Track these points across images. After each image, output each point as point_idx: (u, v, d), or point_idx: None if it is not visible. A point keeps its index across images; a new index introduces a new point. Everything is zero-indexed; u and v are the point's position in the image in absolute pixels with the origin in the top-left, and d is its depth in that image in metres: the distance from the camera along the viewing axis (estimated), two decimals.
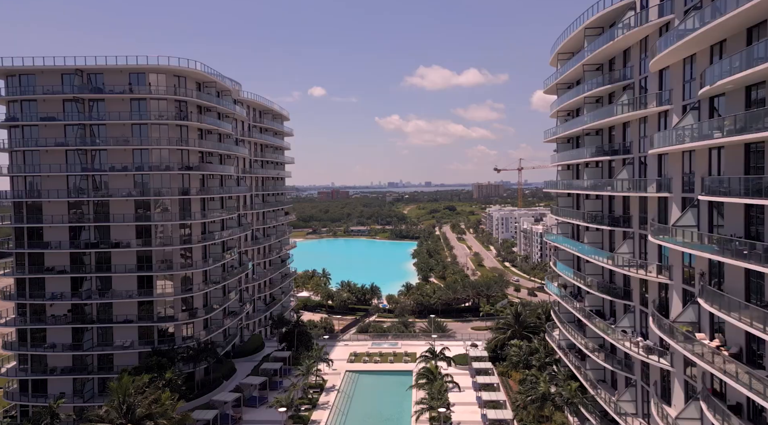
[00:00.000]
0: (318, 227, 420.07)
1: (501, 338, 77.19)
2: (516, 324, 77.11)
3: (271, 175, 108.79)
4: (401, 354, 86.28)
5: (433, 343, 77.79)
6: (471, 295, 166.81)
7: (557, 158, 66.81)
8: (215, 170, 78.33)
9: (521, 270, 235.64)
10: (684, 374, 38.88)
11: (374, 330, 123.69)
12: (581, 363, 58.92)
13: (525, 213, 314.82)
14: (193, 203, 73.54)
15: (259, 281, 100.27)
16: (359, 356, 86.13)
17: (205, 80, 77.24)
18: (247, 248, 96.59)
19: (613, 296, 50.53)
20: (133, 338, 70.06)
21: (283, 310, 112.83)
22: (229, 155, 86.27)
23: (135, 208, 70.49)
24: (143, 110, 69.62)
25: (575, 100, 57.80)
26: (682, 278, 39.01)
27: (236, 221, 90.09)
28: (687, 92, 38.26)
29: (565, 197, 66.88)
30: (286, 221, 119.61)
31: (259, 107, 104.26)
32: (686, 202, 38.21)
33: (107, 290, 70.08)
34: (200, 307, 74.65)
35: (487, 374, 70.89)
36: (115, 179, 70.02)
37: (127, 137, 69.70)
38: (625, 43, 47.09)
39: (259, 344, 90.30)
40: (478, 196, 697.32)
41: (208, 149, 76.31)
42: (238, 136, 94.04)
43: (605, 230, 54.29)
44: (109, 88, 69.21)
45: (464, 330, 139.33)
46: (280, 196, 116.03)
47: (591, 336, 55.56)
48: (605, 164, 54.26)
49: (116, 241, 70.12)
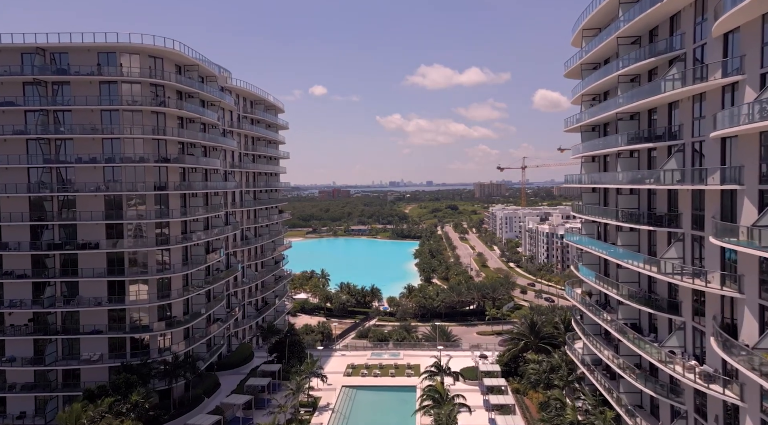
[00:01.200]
0: (318, 226, 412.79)
1: (514, 350, 69.25)
2: (531, 334, 69.18)
3: (264, 170, 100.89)
4: (403, 367, 78.43)
5: (438, 355, 69.97)
6: (476, 297, 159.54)
7: (581, 148, 58.90)
8: (198, 162, 70.53)
9: (527, 271, 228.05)
10: (761, 412, 31.00)
11: (374, 335, 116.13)
12: (612, 384, 51.08)
13: (529, 212, 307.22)
14: (171, 199, 65.78)
15: (249, 284, 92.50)
16: (357, 368, 78.31)
17: (186, 63, 69.44)
18: (236, 249, 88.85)
19: (655, 308, 42.66)
20: (103, 351, 62.27)
21: (277, 315, 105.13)
22: (214, 147, 78.48)
23: (105, 205, 62.69)
24: (114, 94, 61.85)
25: (605, 80, 49.87)
26: (759, 291, 31.11)
27: (223, 219, 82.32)
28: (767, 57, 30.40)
29: (590, 192, 59.02)
30: (281, 220, 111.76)
31: (250, 96, 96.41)
32: (765, 196, 30.37)
33: (73, 297, 62.32)
34: (180, 315, 66.93)
35: (501, 392, 62.98)
36: (82, 172, 62.21)
37: (96, 125, 61.91)
38: (674, 6, 39.22)
39: (248, 354, 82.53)
40: (480, 195, 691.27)
41: (190, 139, 68.57)
42: (226, 127, 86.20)
43: (643, 231, 46.48)
44: (75, 69, 61.34)
45: (469, 334, 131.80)
46: (274, 193, 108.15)
47: (625, 354, 47.71)
48: (643, 153, 46.39)
49: (84, 241, 62.33)
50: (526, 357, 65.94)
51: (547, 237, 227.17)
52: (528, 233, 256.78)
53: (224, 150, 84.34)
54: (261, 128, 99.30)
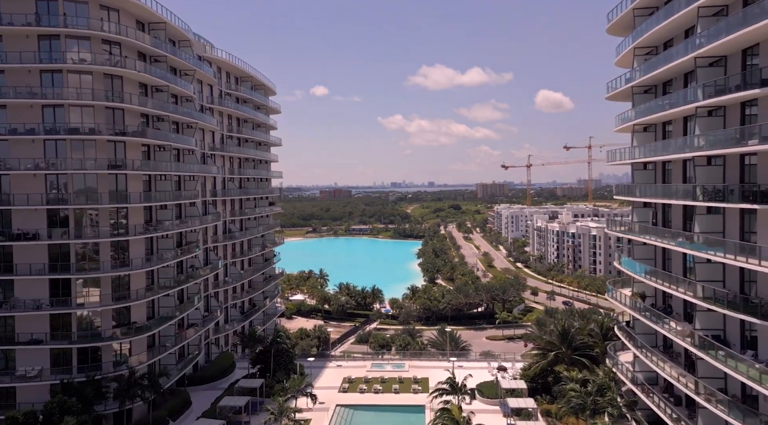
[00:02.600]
0: (318, 225, 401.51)
1: (543, 363, 57.68)
2: (563, 343, 57.56)
3: (251, 156, 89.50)
4: (409, 381, 66.84)
5: (450, 367, 58.51)
6: (485, 299, 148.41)
7: (632, 115, 47.44)
8: (165, 138, 59.23)
9: (536, 271, 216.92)
10: None
11: (375, 340, 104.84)
12: (680, 412, 39.64)
13: (537, 211, 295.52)
14: (131, 180, 54.50)
15: (233, 284, 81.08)
16: (355, 383, 66.74)
17: (152, 20, 58.21)
18: (217, 243, 77.47)
19: (760, 316, 31.23)
20: (43, 364, 50.86)
21: (267, 319, 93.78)
22: (189, 124, 67.21)
23: (46, 186, 51.38)
24: (56, 50, 50.53)
25: (674, 19, 38.47)
26: None
27: (201, 208, 70.98)
28: None
29: (642, 170, 47.69)
30: (271, 213, 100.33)
31: (235, 71, 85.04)
32: None
33: (7, 300, 50.98)
34: (142, 320, 55.64)
35: (529, 417, 51.34)
36: (17, 145, 50.86)
37: (34, 88, 50.60)
38: None
39: (229, 365, 71.12)
40: (482, 196, 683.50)
41: (155, 110, 57.43)
42: (205, 103, 74.92)
43: (731, 212, 35.06)
44: (6, 19, 49.96)
45: (478, 339, 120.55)
46: (263, 182, 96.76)
47: (705, 375, 36.30)
48: (732, 109, 34.97)
49: (19, 231, 50.95)
50: (559, 373, 54.24)
51: (558, 236, 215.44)
52: (537, 231, 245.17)
53: (202, 129, 73.08)
54: (248, 108, 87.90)
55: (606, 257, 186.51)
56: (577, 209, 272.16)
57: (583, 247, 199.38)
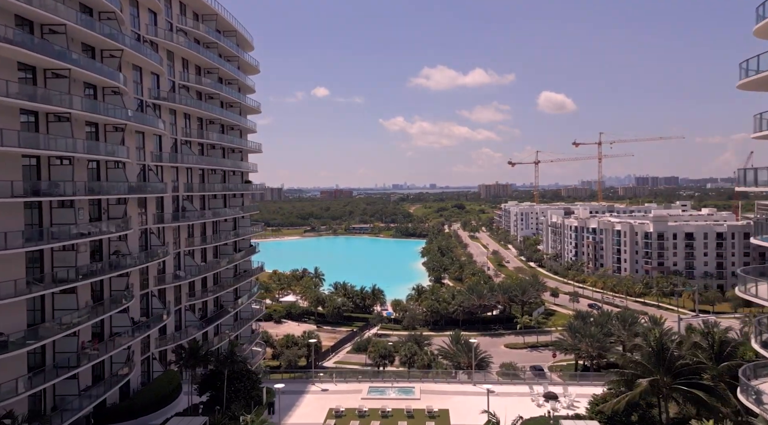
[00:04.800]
0: (317, 224, 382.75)
1: (630, 395, 37.73)
2: (660, 366, 37.64)
3: (217, 116, 69.86)
4: (422, 414, 46.88)
5: (482, 393, 38.77)
6: (501, 301, 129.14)
7: None
8: (62, 58, 39.77)
9: (551, 271, 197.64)
10: None
11: (375, 349, 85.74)
12: None
13: (549, 207, 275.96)
14: None
15: (189, 279, 61.73)
16: (345, 418, 46.82)
17: None
18: (163, 224, 57.96)
19: None
20: None
21: (240, 325, 74.49)
22: (112, 54, 47.76)
23: None
24: None
25: None
26: None
27: (129, 174, 51.24)
28: None
29: None
30: (246, 192, 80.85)
31: (193, 1, 65.55)
32: None
33: None
34: (13, 329, 36.21)
35: None
36: None
37: None
38: None
39: (172, 389, 51.30)
40: (485, 197, 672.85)
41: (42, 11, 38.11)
42: (144, 33, 55.45)
43: None
44: None
45: (495, 348, 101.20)
46: (235, 153, 77.11)
47: None
48: None
49: None
50: (666, 414, 34.46)
51: (576, 232, 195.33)
52: (551, 228, 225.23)
53: (140, 68, 53.74)
54: (211, 54, 68.20)
55: (633, 255, 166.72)
56: (590, 206, 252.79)
57: (606, 244, 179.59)
